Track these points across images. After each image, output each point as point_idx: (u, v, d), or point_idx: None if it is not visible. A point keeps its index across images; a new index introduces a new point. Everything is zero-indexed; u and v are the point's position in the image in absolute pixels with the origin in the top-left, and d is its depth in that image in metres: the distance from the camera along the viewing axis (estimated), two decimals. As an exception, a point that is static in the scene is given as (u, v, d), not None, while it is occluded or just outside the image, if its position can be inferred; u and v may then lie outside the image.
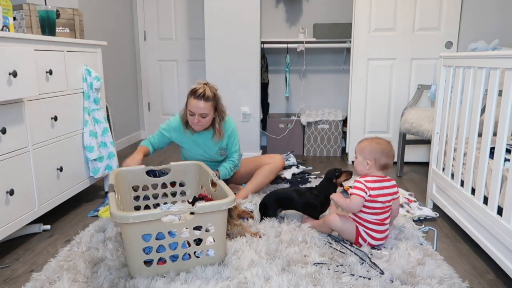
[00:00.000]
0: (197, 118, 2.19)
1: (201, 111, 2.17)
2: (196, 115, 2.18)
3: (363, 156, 1.79)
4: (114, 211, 1.45)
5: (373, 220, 1.76)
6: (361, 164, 1.81)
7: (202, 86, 2.19)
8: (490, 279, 1.60)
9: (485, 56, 1.73)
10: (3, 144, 1.70)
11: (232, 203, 1.58)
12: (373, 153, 1.77)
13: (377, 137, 1.87)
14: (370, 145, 1.79)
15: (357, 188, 1.75)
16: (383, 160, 1.77)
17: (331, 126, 3.65)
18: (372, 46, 3.21)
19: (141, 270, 1.52)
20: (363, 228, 1.78)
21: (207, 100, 2.16)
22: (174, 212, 1.52)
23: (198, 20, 4.20)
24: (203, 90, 2.16)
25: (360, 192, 1.73)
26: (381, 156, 1.76)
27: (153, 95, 4.46)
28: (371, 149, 1.78)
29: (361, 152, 1.81)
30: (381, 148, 1.77)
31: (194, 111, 2.17)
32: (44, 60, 2.00)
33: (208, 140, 2.37)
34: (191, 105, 2.17)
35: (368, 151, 1.78)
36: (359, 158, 1.81)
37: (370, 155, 1.77)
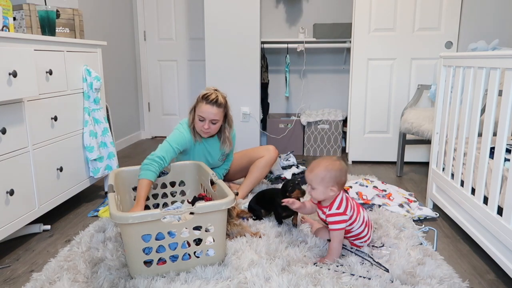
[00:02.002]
0: (207, 124, 2.13)
1: (213, 117, 2.11)
2: (206, 121, 2.12)
3: (325, 185, 1.65)
4: (113, 211, 1.45)
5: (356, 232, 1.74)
6: (324, 194, 1.67)
7: (214, 92, 2.14)
8: (490, 279, 1.60)
9: (485, 56, 1.73)
10: (3, 144, 1.70)
11: (232, 203, 1.58)
12: (333, 178, 1.65)
13: (325, 158, 1.73)
14: (328, 172, 1.65)
15: (336, 223, 1.67)
16: (343, 179, 1.68)
17: (331, 126, 3.65)
18: (372, 46, 3.21)
19: (141, 271, 1.52)
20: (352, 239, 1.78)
21: (219, 106, 2.12)
22: (174, 212, 1.52)
23: (198, 20, 4.20)
24: (215, 96, 2.11)
25: (339, 226, 1.67)
26: (341, 177, 1.67)
27: (153, 95, 4.46)
28: (331, 176, 1.65)
29: (321, 182, 1.66)
30: (339, 170, 1.66)
31: (205, 117, 2.11)
32: (44, 60, 2.00)
33: (212, 147, 2.32)
34: (202, 111, 2.11)
35: (328, 178, 1.65)
36: (320, 188, 1.66)
37: (332, 181, 1.65)
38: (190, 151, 2.29)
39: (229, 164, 2.52)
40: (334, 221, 1.67)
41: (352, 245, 1.78)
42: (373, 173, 3.09)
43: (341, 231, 1.67)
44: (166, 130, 4.51)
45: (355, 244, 1.77)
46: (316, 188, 1.67)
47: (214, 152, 2.33)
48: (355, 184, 2.44)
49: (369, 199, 2.28)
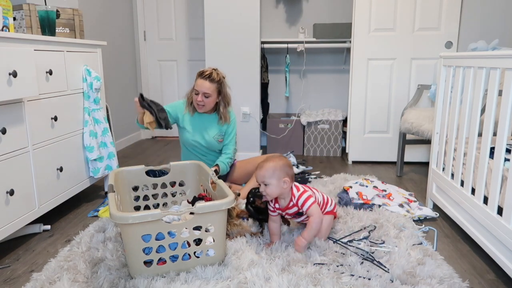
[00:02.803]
0: (200, 97, 2.33)
1: (205, 90, 2.32)
2: (200, 94, 2.33)
3: (277, 177, 1.67)
4: (113, 211, 1.45)
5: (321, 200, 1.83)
6: (279, 187, 1.69)
7: (210, 70, 2.36)
8: (490, 279, 1.61)
9: (485, 56, 1.73)
10: (3, 144, 1.70)
11: (232, 203, 1.58)
12: (284, 169, 1.69)
13: (266, 155, 1.81)
14: (278, 164, 1.69)
15: (308, 200, 1.73)
16: (291, 172, 1.73)
17: (331, 126, 3.65)
18: (372, 46, 3.21)
19: (141, 271, 1.52)
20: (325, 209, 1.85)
21: (212, 81, 2.33)
22: (174, 212, 1.52)
23: (198, 20, 4.20)
24: (210, 72, 2.34)
25: (311, 200, 1.74)
26: (290, 169, 1.72)
27: (153, 95, 4.46)
28: (281, 167, 1.68)
29: (273, 174, 1.67)
30: (286, 162, 1.72)
31: (198, 90, 2.33)
32: (44, 60, 2.00)
33: (208, 123, 2.46)
34: (197, 84, 2.34)
35: (279, 170, 1.68)
36: (274, 182, 1.67)
37: (283, 172, 1.68)
38: (183, 121, 2.47)
39: (231, 152, 2.52)
40: (303, 201, 1.73)
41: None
42: (373, 173, 3.09)
43: (315, 205, 1.73)
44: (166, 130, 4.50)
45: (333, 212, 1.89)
46: (270, 183, 1.69)
47: (209, 128, 2.47)
48: (355, 184, 2.44)
49: (369, 199, 2.28)
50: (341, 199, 2.33)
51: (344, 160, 3.55)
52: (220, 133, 2.48)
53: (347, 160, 3.48)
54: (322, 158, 3.66)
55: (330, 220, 1.86)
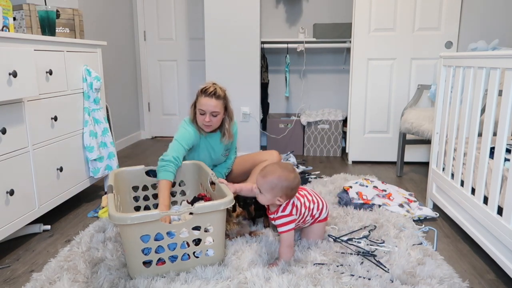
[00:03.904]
0: (208, 117, 2.12)
1: (212, 109, 2.11)
2: (207, 114, 2.12)
3: (273, 194, 1.62)
4: (112, 212, 1.45)
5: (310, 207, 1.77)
6: (270, 201, 1.65)
7: (212, 85, 2.15)
8: (490, 279, 1.60)
9: (485, 56, 1.73)
10: (3, 144, 1.70)
11: (231, 203, 1.58)
12: (284, 190, 1.61)
13: (282, 166, 1.65)
14: (280, 182, 1.60)
15: (283, 225, 1.65)
16: (293, 192, 1.65)
17: (331, 126, 3.65)
18: (372, 46, 3.21)
19: (140, 271, 1.52)
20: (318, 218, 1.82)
21: (218, 98, 2.12)
22: (172, 213, 1.52)
23: (198, 20, 4.20)
24: (214, 89, 2.12)
25: (288, 227, 1.66)
26: (291, 191, 1.63)
27: (153, 95, 4.46)
28: (282, 187, 1.60)
29: (271, 191, 1.61)
30: (291, 182, 1.61)
31: (205, 110, 2.11)
32: (44, 60, 2.00)
33: (215, 142, 2.32)
34: (202, 104, 2.11)
35: (279, 189, 1.60)
36: (268, 196, 1.62)
37: (282, 192, 1.61)
38: (196, 147, 2.28)
39: (231, 163, 2.49)
40: (280, 223, 1.65)
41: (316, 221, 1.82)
42: (373, 173, 3.09)
43: (288, 233, 1.65)
44: (166, 130, 4.51)
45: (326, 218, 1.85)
46: (264, 195, 1.63)
47: (217, 147, 2.33)
48: (355, 184, 2.44)
49: (369, 199, 2.28)
50: (341, 199, 2.33)
51: (344, 160, 3.55)
52: (226, 149, 2.38)
53: (347, 160, 3.48)
54: (322, 158, 3.66)
55: (322, 227, 1.85)
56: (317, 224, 1.83)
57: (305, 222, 1.79)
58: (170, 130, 4.49)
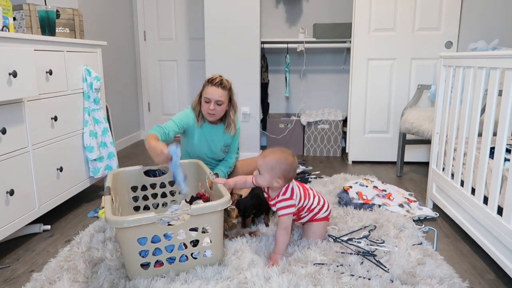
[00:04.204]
0: (213, 105, 2.21)
1: (218, 98, 2.21)
2: (212, 102, 2.21)
3: (272, 175, 1.66)
4: (108, 215, 1.44)
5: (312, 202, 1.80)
6: (268, 183, 1.69)
7: (219, 76, 2.27)
8: (490, 279, 1.61)
9: (485, 56, 1.73)
10: (3, 144, 1.70)
11: (228, 203, 1.57)
12: (282, 171, 1.65)
13: (279, 148, 1.72)
14: (279, 164, 1.65)
15: (284, 209, 1.69)
16: (291, 175, 1.69)
17: (331, 126, 3.65)
18: (372, 46, 3.21)
19: (138, 273, 1.52)
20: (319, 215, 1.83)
21: (224, 88, 2.24)
22: (168, 215, 1.51)
23: (198, 20, 4.20)
24: (220, 79, 2.25)
25: (288, 210, 1.69)
26: (289, 172, 1.68)
27: (153, 95, 4.46)
28: (281, 168, 1.65)
29: (270, 171, 1.66)
30: (290, 165, 1.67)
31: (210, 98, 2.20)
32: (44, 60, 2.00)
33: (215, 135, 2.36)
34: (208, 92, 2.21)
35: (278, 170, 1.65)
36: (267, 177, 1.67)
37: (280, 173, 1.65)
38: (192, 134, 2.34)
39: (232, 162, 2.48)
40: (280, 207, 1.69)
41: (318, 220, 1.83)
42: (373, 173, 3.09)
43: (287, 217, 1.69)
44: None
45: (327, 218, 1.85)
46: (263, 175, 1.69)
47: (217, 140, 2.36)
48: (355, 184, 2.44)
49: (369, 199, 2.28)
50: (341, 199, 2.33)
51: (344, 160, 3.55)
52: (226, 144, 2.41)
53: (347, 160, 3.48)
54: (322, 158, 3.66)
55: (323, 227, 1.85)
56: (317, 223, 1.83)
57: (303, 210, 1.79)
58: (170, 130, 4.48)
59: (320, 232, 1.84)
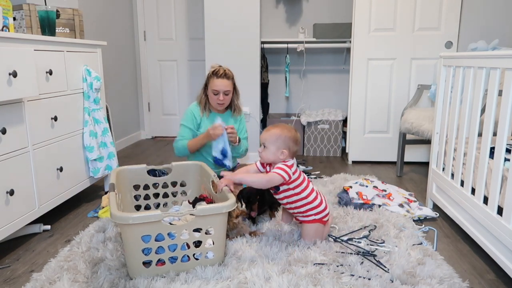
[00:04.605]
0: (222, 96, 2.34)
1: (225, 88, 2.34)
2: (220, 93, 2.33)
3: (277, 146, 1.72)
4: (114, 211, 1.45)
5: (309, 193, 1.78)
6: (275, 155, 1.73)
7: (221, 67, 2.36)
8: (490, 279, 1.61)
9: (485, 56, 1.73)
10: (3, 144, 1.70)
11: (233, 206, 1.57)
12: (287, 142, 1.72)
13: (282, 123, 1.81)
14: (283, 134, 1.72)
15: (280, 168, 1.70)
16: (295, 148, 1.75)
17: (331, 126, 3.65)
18: (372, 46, 3.21)
19: (140, 271, 1.52)
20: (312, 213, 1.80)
21: (229, 78, 2.36)
22: (174, 214, 1.52)
23: (198, 20, 4.20)
24: (223, 70, 2.35)
25: (282, 172, 1.69)
26: (294, 144, 1.74)
27: (153, 95, 4.46)
28: (285, 138, 1.72)
29: (275, 142, 1.72)
30: (293, 136, 1.74)
31: (218, 89, 2.33)
32: (44, 60, 2.00)
33: (223, 120, 2.42)
34: (215, 85, 2.32)
35: (282, 140, 1.72)
36: (272, 148, 1.72)
37: (285, 144, 1.72)
38: (201, 126, 2.44)
39: (242, 149, 2.51)
40: (280, 166, 1.71)
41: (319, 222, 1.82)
42: (373, 173, 3.09)
43: (277, 175, 1.68)
44: (166, 130, 4.51)
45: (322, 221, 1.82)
46: (268, 148, 1.73)
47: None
48: (355, 184, 2.44)
49: (369, 199, 2.28)
50: (341, 199, 2.33)
51: (344, 160, 3.55)
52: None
53: (347, 160, 3.48)
54: (322, 158, 3.66)
55: (315, 228, 1.82)
56: (308, 225, 1.82)
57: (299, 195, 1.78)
58: (170, 130, 4.49)
59: (310, 234, 1.82)
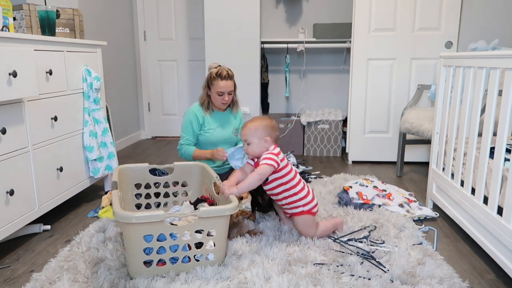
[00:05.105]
0: (227, 97, 2.38)
1: (230, 89, 2.38)
2: (225, 94, 2.36)
3: (258, 136, 1.77)
4: (117, 210, 1.44)
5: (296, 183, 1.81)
6: (259, 146, 1.78)
7: (222, 68, 2.36)
8: (490, 279, 1.61)
9: (485, 56, 1.73)
10: (3, 144, 1.70)
11: (236, 209, 1.57)
12: (266, 129, 1.78)
13: (254, 117, 1.88)
14: (260, 124, 1.79)
15: (267, 158, 1.73)
16: (274, 133, 1.81)
17: (331, 126, 3.65)
18: (372, 46, 3.21)
19: (140, 271, 1.52)
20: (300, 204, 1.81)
21: (232, 78, 2.39)
22: (178, 214, 1.52)
23: (198, 20, 4.20)
24: (226, 71, 2.36)
25: (270, 161, 1.72)
26: (273, 130, 1.80)
27: (153, 95, 4.46)
28: (263, 127, 1.78)
29: (256, 134, 1.78)
30: (269, 123, 1.81)
31: (224, 91, 2.35)
32: (44, 60, 2.00)
33: (224, 120, 2.49)
34: (221, 86, 2.34)
35: (261, 129, 1.78)
36: (255, 141, 1.78)
37: (265, 132, 1.78)
38: (204, 125, 2.45)
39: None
40: (267, 156, 1.74)
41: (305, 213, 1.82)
42: (373, 173, 3.09)
43: (267, 167, 1.71)
44: (166, 130, 4.51)
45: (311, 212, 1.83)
46: (252, 142, 1.78)
47: (226, 125, 2.49)
48: (355, 184, 2.44)
49: (369, 199, 2.28)
50: (341, 199, 2.33)
51: (344, 160, 3.55)
52: (236, 128, 2.53)
53: (347, 160, 3.48)
54: (322, 158, 3.66)
55: (303, 220, 1.82)
56: (297, 217, 1.83)
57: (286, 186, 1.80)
58: (170, 130, 4.49)
59: (303, 227, 1.83)
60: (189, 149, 2.39)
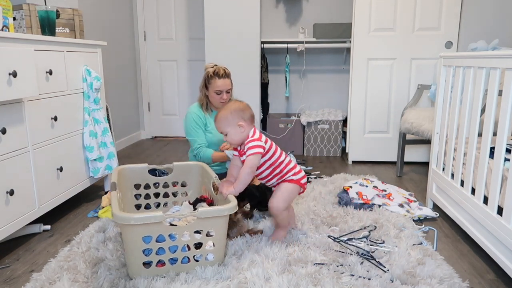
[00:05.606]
0: (225, 95, 2.38)
1: (228, 87, 2.38)
2: (223, 92, 2.37)
3: (232, 124, 1.71)
4: (116, 211, 1.44)
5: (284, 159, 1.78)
6: (237, 133, 1.72)
7: (219, 67, 2.37)
8: (490, 279, 1.61)
9: (485, 56, 1.73)
10: (3, 144, 1.70)
11: (235, 209, 1.57)
12: (236, 114, 1.71)
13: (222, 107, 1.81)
14: (229, 111, 1.72)
15: (252, 148, 1.69)
16: (247, 114, 1.74)
17: (331, 126, 3.65)
18: (372, 46, 3.21)
19: (140, 272, 1.52)
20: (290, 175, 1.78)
21: (228, 76, 2.40)
22: (176, 215, 1.52)
23: (198, 20, 4.20)
24: (223, 69, 2.37)
25: (255, 149, 1.69)
26: (244, 112, 1.73)
27: (153, 95, 4.46)
28: (231, 113, 1.71)
29: (227, 123, 1.72)
30: (237, 106, 1.74)
31: (222, 89, 2.35)
32: (44, 60, 2.00)
33: None
34: (219, 85, 2.34)
35: (231, 116, 1.71)
36: (231, 129, 1.72)
37: (237, 117, 1.71)
38: (209, 125, 2.45)
39: None
40: (251, 146, 1.69)
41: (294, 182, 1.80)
42: (373, 173, 3.09)
43: (255, 156, 1.68)
44: (166, 130, 4.51)
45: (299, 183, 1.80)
46: (228, 132, 1.73)
47: None
48: (355, 184, 2.44)
49: (369, 199, 2.28)
50: (341, 199, 2.33)
51: (344, 160, 3.55)
52: None
53: (347, 160, 3.48)
54: (322, 158, 3.66)
55: (292, 189, 1.79)
56: (285, 184, 1.79)
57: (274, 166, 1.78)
58: (170, 130, 4.50)
59: (284, 194, 1.78)
60: (207, 152, 2.36)
